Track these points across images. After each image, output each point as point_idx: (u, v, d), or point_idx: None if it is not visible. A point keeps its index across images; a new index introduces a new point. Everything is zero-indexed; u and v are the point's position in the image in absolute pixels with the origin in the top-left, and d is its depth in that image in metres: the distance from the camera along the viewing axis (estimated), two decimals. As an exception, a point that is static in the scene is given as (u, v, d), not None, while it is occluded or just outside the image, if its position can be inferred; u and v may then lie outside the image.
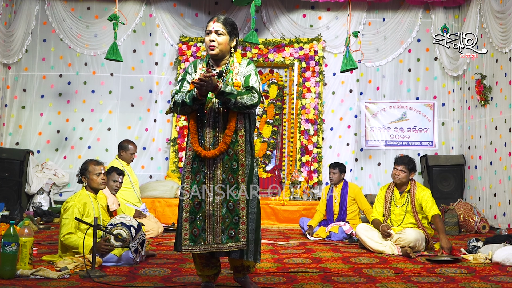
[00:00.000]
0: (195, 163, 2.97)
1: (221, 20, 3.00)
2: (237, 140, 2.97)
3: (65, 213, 3.91)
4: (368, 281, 3.44)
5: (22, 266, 3.44)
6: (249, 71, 3.03)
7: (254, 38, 5.93)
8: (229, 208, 2.91)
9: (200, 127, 2.99)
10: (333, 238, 5.42)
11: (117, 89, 7.98)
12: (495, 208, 6.62)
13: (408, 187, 4.85)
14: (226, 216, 2.91)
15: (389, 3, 7.96)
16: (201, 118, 2.99)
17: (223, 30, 2.99)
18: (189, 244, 2.91)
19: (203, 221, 2.92)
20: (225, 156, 2.94)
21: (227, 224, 2.90)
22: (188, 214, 2.95)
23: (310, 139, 7.66)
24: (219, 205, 2.92)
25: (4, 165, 7.21)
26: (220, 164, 2.94)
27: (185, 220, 2.94)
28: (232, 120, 2.93)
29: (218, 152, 2.91)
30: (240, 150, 2.96)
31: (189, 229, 2.93)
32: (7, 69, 7.91)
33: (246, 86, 2.98)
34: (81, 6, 8.06)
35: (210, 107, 2.97)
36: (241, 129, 2.98)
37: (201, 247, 2.91)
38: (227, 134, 2.92)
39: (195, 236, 2.92)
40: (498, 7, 6.58)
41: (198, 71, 3.07)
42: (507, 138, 6.42)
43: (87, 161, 4.19)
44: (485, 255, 4.16)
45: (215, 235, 2.90)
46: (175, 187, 7.15)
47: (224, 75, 3.01)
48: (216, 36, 2.98)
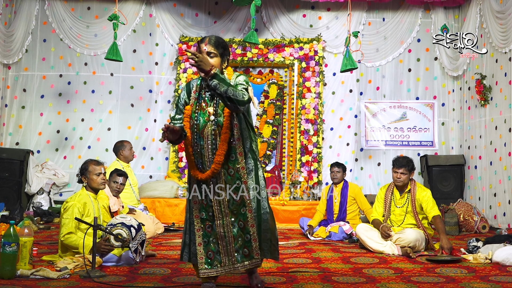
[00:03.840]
0: (200, 188, 3.03)
1: (212, 42, 3.00)
2: (237, 158, 3.00)
3: (65, 213, 3.91)
4: (368, 281, 3.44)
5: (22, 266, 3.44)
6: (239, 80, 3.01)
7: (254, 38, 5.93)
8: (240, 227, 2.99)
9: (198, 151, 3.02)
10: (333, 238, 5.42)
11: (117, 89, 7.98)
12: (495, 208, 6.62)
13: (408, 187, 4.85)
14: (239, 235, 2.98)
15: (389, 3, 7.96)
16: (198, 142, 3.01)
17: (215, 52, 2.99)
18: (206, 267, 3.01)
19: (216, 244, 3.02)
20: (228, 177, 3.00)
21: (240, 244, 2.98)
22: (201, 238, 3.03)
23: (310, 139, 7.66)
24: (229, 226, 3.00)
25: (4, 165, 7.21)
26: (224, 186, 2.99)
27: (199, 245, 3.02)
28: (224, 141, 2.94)
29: (210, 173, 2.96)
30: (241, 167, 3.00)
31: (204, 253, 3.02)
32: (7, 69, 7.91)
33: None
34: (81, 6, 8.06)
35: (207, 131, 2.99)
36: (239, 147, 3.00)
37: (217, 269, 3.00)
38: (218, 154, 2.94)
39: (211, 259, 3.01)
40: (498, 7, 6.58)
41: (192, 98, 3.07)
42: (507, 138, 6.41)
43: (87, 161, 4.19)
44: (485, 255, 4.16)
45: (230, 256, 2.99)
46: (175, 187, 7.15)
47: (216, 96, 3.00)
48: (212, 60, 2.97)
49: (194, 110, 3.03)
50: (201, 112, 3.02)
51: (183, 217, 6.79)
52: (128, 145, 6.07)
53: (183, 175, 7.57)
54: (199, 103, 3.04)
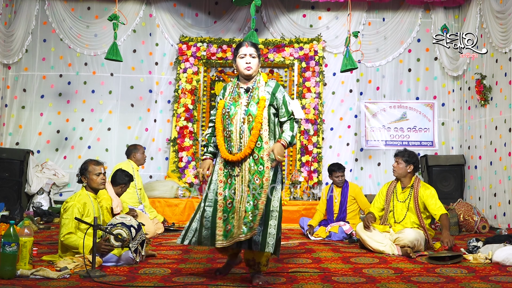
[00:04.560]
0: (226, 169, 3.44)
1: (251, 44, 3.52)
2: (262, 146, 3.39)
3: (65, 213, 3.91)
4: (368, 281, 3.44)
5: (22, 266, 3.44)
6: (281, 96, 3.50)
7: (254, 38, 5.92)
8: (254, 205, 3.28)
9: (228, 135, 3.45)
10: (333, 238, 5.42)
11: (117, 89, 7.98)
12: (495, 208, 6.62)
13: (410, 183, 4.84)
14: (250, 211, 3.27)
15: (389, 3, 7.96)
16: (229, 128, 3.45)
17: (255, 53, 3.50)
18: (222, 239, 3.33)
19: (233, 219, 3.34)
20: (252, 160, 3.38)
21: (250, 218, 3.25)
22: (222, 213, 3.37)
23: (310, 139, 7.66)
24: (245, 203, 3.32)
25: (4, 165, 7.21)
26: (248, 167, 3.37)
27: (219, 219, 3.37)
28: (257, 130, 3.38)
29: (242, 155, 3.37)
30: (266, 155, 3.37)
31: (223, 226, 3.35)
32: (7, 69, 7.91)
33: (285, 111, 3.48)
34: (81, 6, 8.06)
35: (236, 119, 3.44)
36: (265, 137, 3.40)
37: (230, 240, 3.30)
38: (252, 140, 3.37)
39: (227, 232, 3.33)
40: (498, 7, 6.58)
41: (227, 93, 3.57)
42: (507, 138, 6.42)
43: (87, 161, 4.20)
44: (485, 255, 4.16)
45: (239, 228, 3.26)
46: (175, 187, 7.15)
47: (251, 91, 3.48)
48: (251, 59, 3.48)
49: (228, 102, 3.51)
50: (233, 103, 3.49)
51: (183, 217, 6.81)
52: (142, 149, 6.23)
53: (183, 175, 7.57)
54: (233, 96, 3.52)
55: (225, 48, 7.80)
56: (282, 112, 3.47)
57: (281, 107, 3.47)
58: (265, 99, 3.42)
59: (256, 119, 3.39)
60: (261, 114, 3.40)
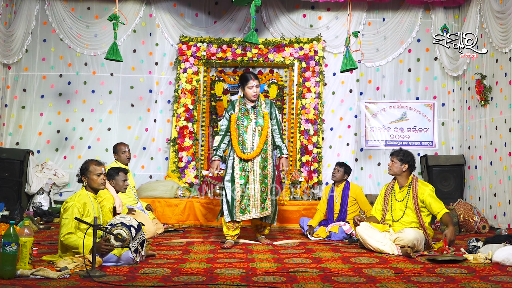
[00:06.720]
0: (241, 164, 5.02)
1: (255, 77, 5.12)
2: (267, 148, 5.09)
3: (65, 213, 3.91)
4: (368, 281, 3.45)
5: (22, 266, 3.44)
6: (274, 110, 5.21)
7: (254, 38, 5.91)
8: (262, 190, 5.01)
9: (242, 140, 5.02)
10: (333, 238, 5.42)
11: (117, 89, 7.98)
12: (495, 208, 6.62)
13: (408, 181, 4.85)
14: (262, 197, 5.01)
15: (389, 3, 7.95)
16: (243, 135, 5.03)
17: (258, 83, 5.12)
18: (240, 215, 4.96)
19: (247, 199, 4.98)
20: (260, 158, 5.04)
21: (264, 198, 5.01)
22: (239, 195, 4.97)
23: (310, 139, 7.66)
24: (258, 188, 5.00)
25: (4, 165, 7.20)
26: (258, 162, 5.03)
27: (238, 201, 4.96)
28: (264, 136, 5.05)
29: (255, 155, 5.01)
30: (268, 154, 5.10)
31: (239, 205, 4.96)
32: (7, 69, 7.91)
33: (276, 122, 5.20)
34: (81, 6, 8.06)
35: (249, 129, 5.05)
36: (269, 141, 5.12)
37: (248, 216, 4.99)
38: (261, 142, 5.02)
39: (243, 210, 4.97)
40: (498, 7, 6.58)
41: (237, 109, 5.13)
42: (507, 138, 6.42)
43: (88, 161, 4.19)
44: (485, 255, 4.16)
45: (256, 208, 5.00)
46: (175, 187, 7.15)
47: (256, 108, 5.11)
48: (256, 88, 5.09)
49: (240, 115, 5.07)
50: (245, 116, 5.07)
51: (183, 217, 6.83)
52: (122, 148, 6.08)
53: (183, 175, 7.57)
54: (243, 112, 5.09)
55: (225, 48, 7.80)
56: (274, 122, 5.16)
57: (273, 118, 5.16)
58: (267, 114, 5.11)
59: (263, 128, 5.05)
60: (267, 125, 5.07)
